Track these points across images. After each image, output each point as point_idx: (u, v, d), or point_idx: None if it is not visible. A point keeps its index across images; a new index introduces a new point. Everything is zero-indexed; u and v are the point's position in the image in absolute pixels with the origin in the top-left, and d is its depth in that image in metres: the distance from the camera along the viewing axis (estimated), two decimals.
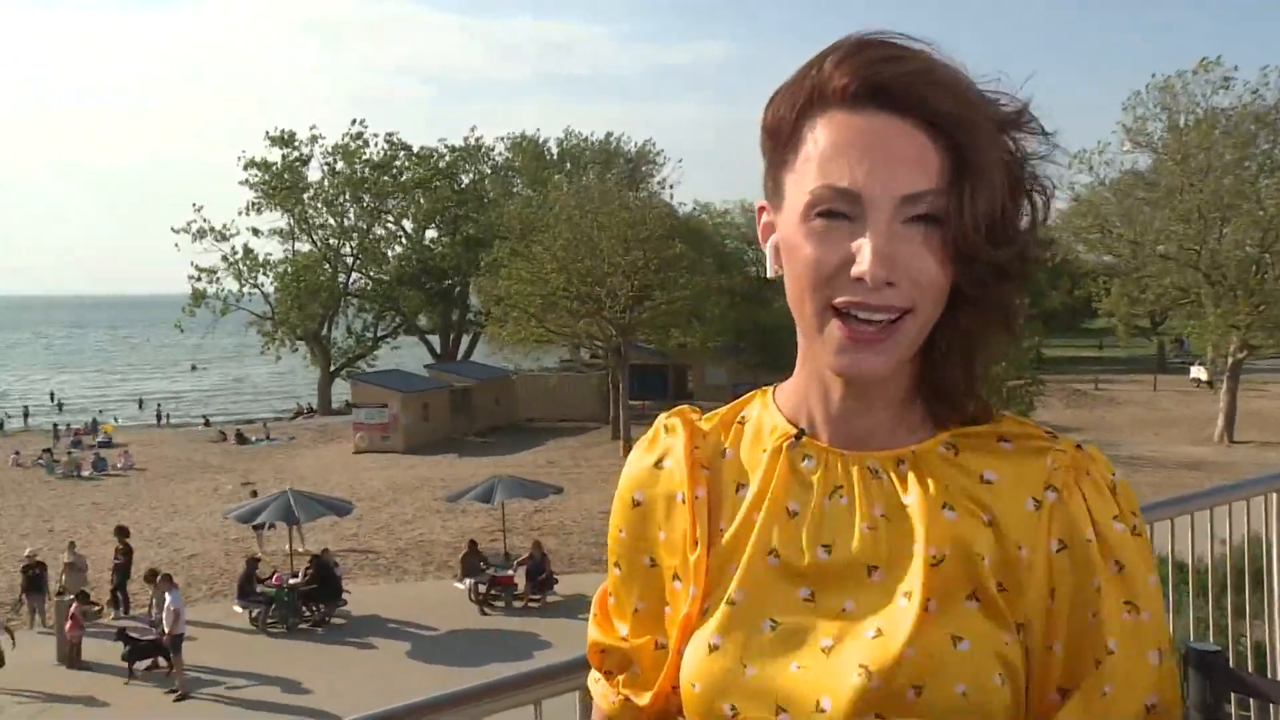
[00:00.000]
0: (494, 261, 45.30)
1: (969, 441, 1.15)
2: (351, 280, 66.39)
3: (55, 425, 52.71)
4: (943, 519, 1.11)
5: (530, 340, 43.40)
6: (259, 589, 19.55)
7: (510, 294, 41.37)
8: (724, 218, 59.04)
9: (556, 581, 20.75)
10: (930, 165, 1.05)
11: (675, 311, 40.53)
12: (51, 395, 76.15)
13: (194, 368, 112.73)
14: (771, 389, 1.25)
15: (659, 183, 68.94)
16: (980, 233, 1.05)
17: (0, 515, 31.26)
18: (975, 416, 1.16)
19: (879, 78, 1.05)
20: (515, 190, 66.84)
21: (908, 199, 1.05)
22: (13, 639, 16.86)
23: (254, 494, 27.21)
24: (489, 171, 69.11)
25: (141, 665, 16.80)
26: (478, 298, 63.29)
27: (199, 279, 62.30)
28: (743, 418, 1.24)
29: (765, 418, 1.22)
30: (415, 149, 65.83)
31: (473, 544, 21.81)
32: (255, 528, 25.08)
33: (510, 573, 20.63)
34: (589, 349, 51.72)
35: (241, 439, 48.69)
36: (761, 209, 1.18)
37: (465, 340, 68.19)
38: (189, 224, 61.63)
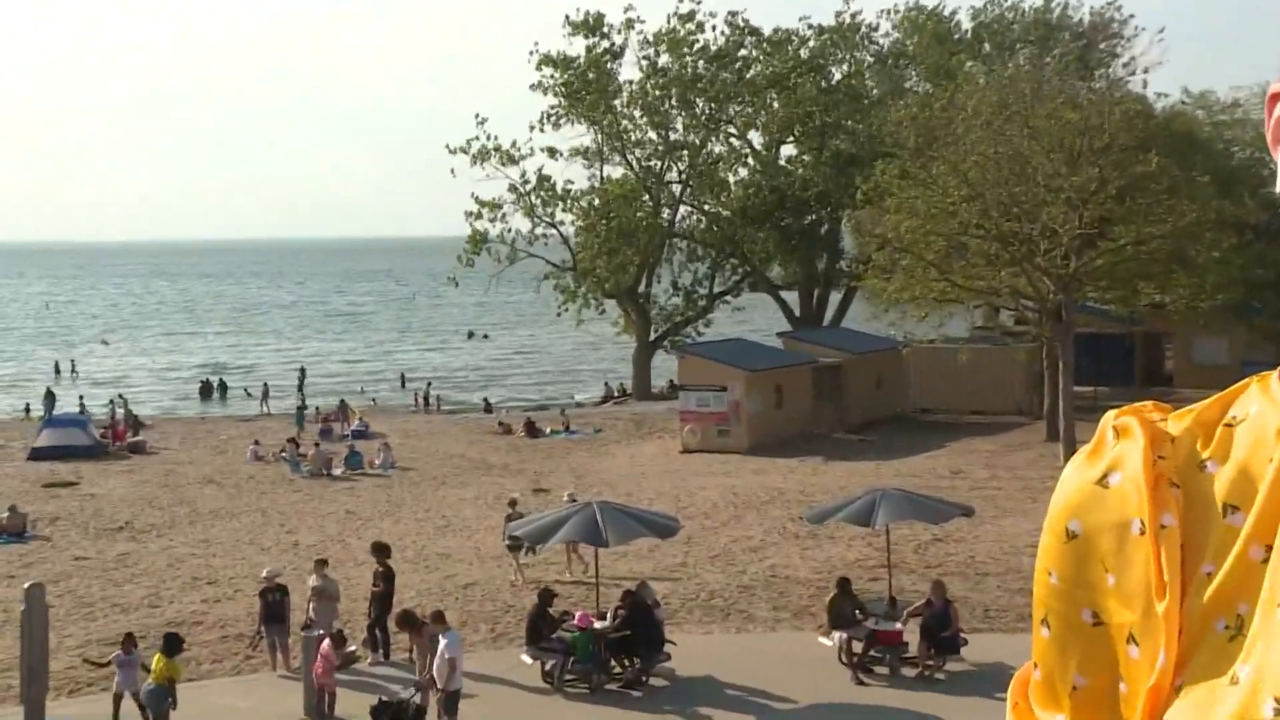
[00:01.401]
0: (876, 188, 44.64)
1: None
2: (679, 217, 68.35)
3: (300, 409, 58.35)
4: None
5: (928, 298, 42.45)
6: (556, 633, 20.14)
7: (900, 233, 40.65)
8: (1230, 115, 53.86)
9: (965, 642, 19.97)
10: None
11: (1147, 256, 38.16)
12: (302, 374, 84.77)
13: (471, 335, 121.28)
14: (1277, 373, 1.22)
15: (1126, 65, 64.89)
16: None
17: (236, 522, 34.94)
18: None
19: None
20: (908, 86, 65.57)
21: None
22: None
23: (512, 504, 28.27)
24: (870, 61, 68.25)
25: None
26: (852, 239, 62.75)
27: (479, 216, 66.79)
28: (1232, 417, 1.22)
29: (1269, 415, 1.19)
30: (767, 33, 66.42)
31: (844, 583, 21.34)
32: (512, 547, 26.22)
33: (898, 626, 20.11)
34: (1014, 311, 50.08)
35: (533, 431, 51.40)
36: (1276, 97, 1.18)
37: (834, 298, 68.05)
38: (468, 143, 65.94)
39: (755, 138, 67.63)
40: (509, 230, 66.44)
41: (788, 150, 68.21)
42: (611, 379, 76.33)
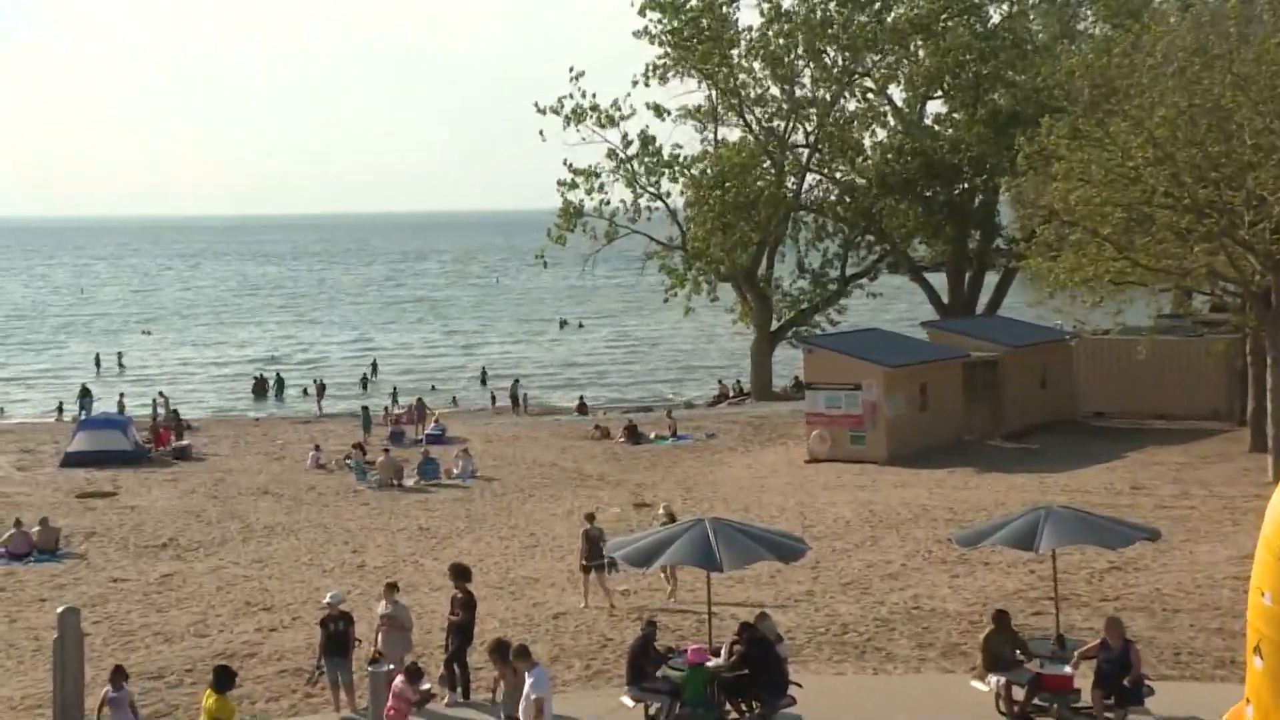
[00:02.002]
0: (1041, 151, 43.89)
1: None
2: (806, 187, 68.15)
3: (366, 409, 59.15)
4: None
5: (1103, 281, 41.65)
6: (661, 672, 20.13)
7: (1070, 204, 39.96)
8: None
9: (1150, 691, 19.60)
10: None
11: None
12: (373, 369, 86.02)
13: (564, 324, 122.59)
14: None
15: None
16: None
17: (294, 539, 35.51)
18: None
19: None
20: (1082, 29, 64.52)
21: None
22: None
23: (589, 518, 28.33)
24: (1034, 1, 67.30)
25: None
26: (1012, 211, 61.93)
27: (573, 186, 67.19)
28: None
29: None
30: None
31: (1002, 617, 21.08)
32: (588, 567, 26.40)
33: (1067, 670, 19.81)
34: (1210, 296, 49.10)
35: (635, 436, 51.85)
36: None
37: (989, 281, 67.28)
38: (560, 101, 66.27)
39: (896, 93, 67.19)
40: (607, 203, 66.77)
41: (935, 107, 67.71)
42: (726, 376, 76.36)
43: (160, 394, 67.11)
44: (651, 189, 66.59)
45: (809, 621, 25.25)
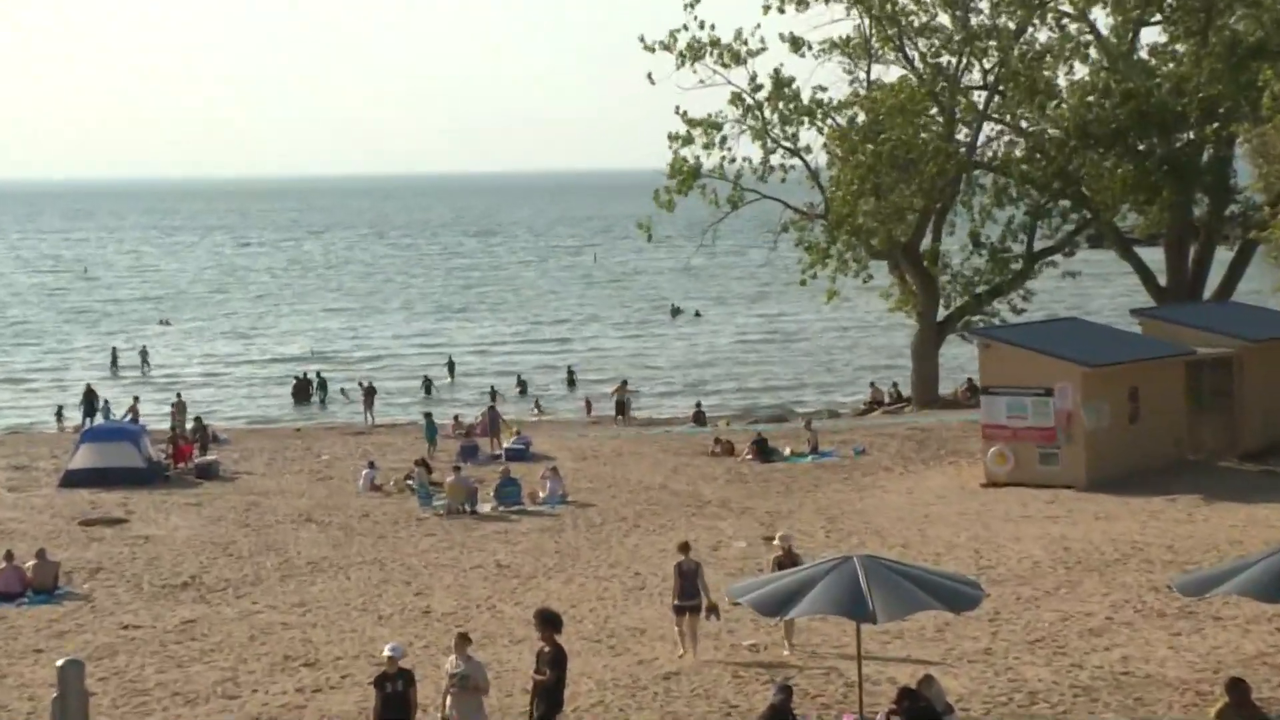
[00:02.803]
0: None
1: None
2: (983, 139, 67.42)
3: (430, 417, 59.30)
4: None
5: None
6: None
7: None
8: None
9: None
10: None
11: None
12: (450, 367, 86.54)
13: (677, 312, 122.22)
14: None
15: None
16: None
17: (343, 578, 35.74)
18: None
19: None
20: None
21: None
22: None
23: (684, 549, 28.31)
24: None
25: None
26: (1252, 169, 60.76)
27: (687, 140, 66.89)
28: None
29: None
30: None
31: (1238, 688, 20.69)
32: (682, 608, 26.38)
33: None
34: None
35: (765, 452, 51.75)
36: None
37: (1221, 258, 66.21)
38: (672, 36, 66.05)
39: (1101, 18, 66.21)
40: (731, 160, 66.57)
41: (1151, 36, 66.59)
42: (880, 378, 75.87)
43: (178, 397, 68.03)
44: (787, 143, 66.30)
45: (987, 688, 25.07)
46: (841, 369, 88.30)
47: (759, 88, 65.55)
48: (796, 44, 65.97)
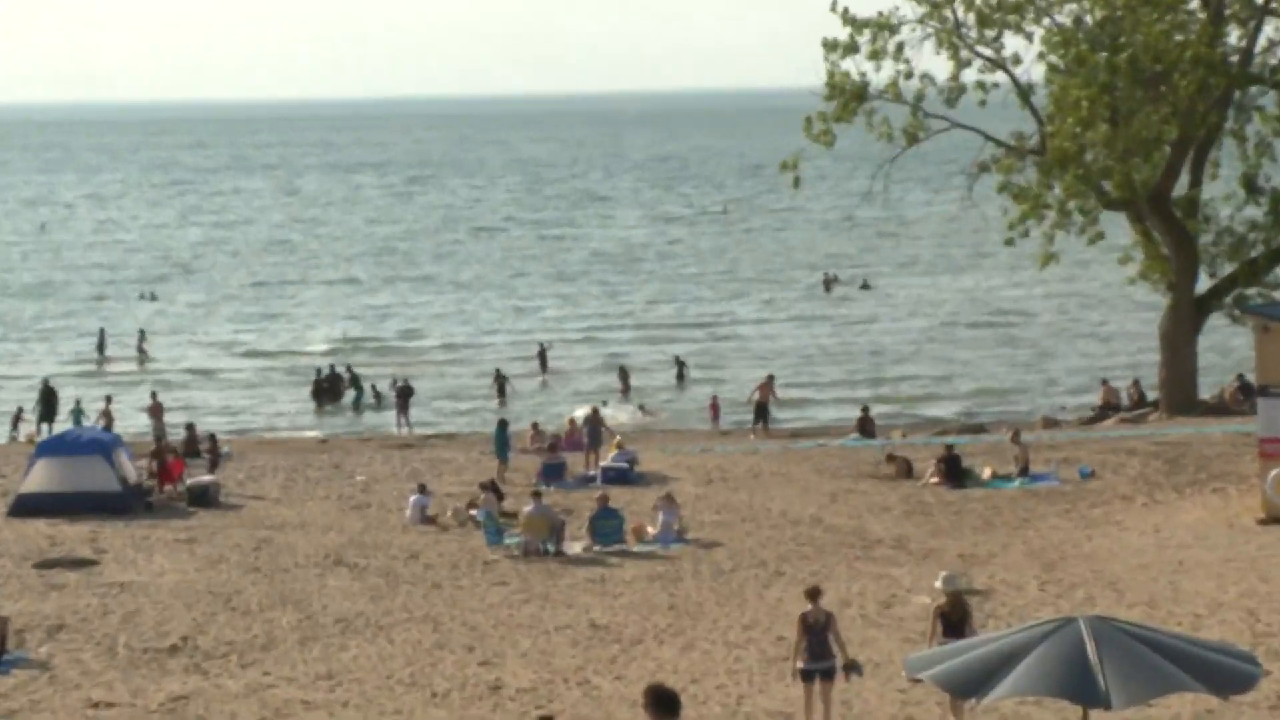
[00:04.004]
0: None
1: None
2: (1262, 43, 66.29)
3: (503, 425, 58.43)
4: None
5: None
6: None
7: None
8: None
9: None
10: None
11: None
12: (542, 359, 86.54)
13: (832, 281, 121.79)
14: None
15: None
16: None
17: (384, 641, 35.92)
18: None
19: None
20: None
21: None
22: None
23: (812, 595, 28.59)
24: None
25: None
26: None
27: (848, 49, 66.77)
28: None
29: None
30: None
31: None
32: (809, 673, 26.77)
33: None
34: None
35: (955, 473, 51.67)
36: None
37: None
38: None
39: None
40: (908, 76, 66.39)
41: None
42: (1116, 374, 75.40)
43: (153, 397, 68.49)
44: (987, 52, 66.07)
45: None
46: (1062, 361, 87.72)
47: None
48: None
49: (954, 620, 27.05)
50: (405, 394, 72.75)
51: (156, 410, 65.10)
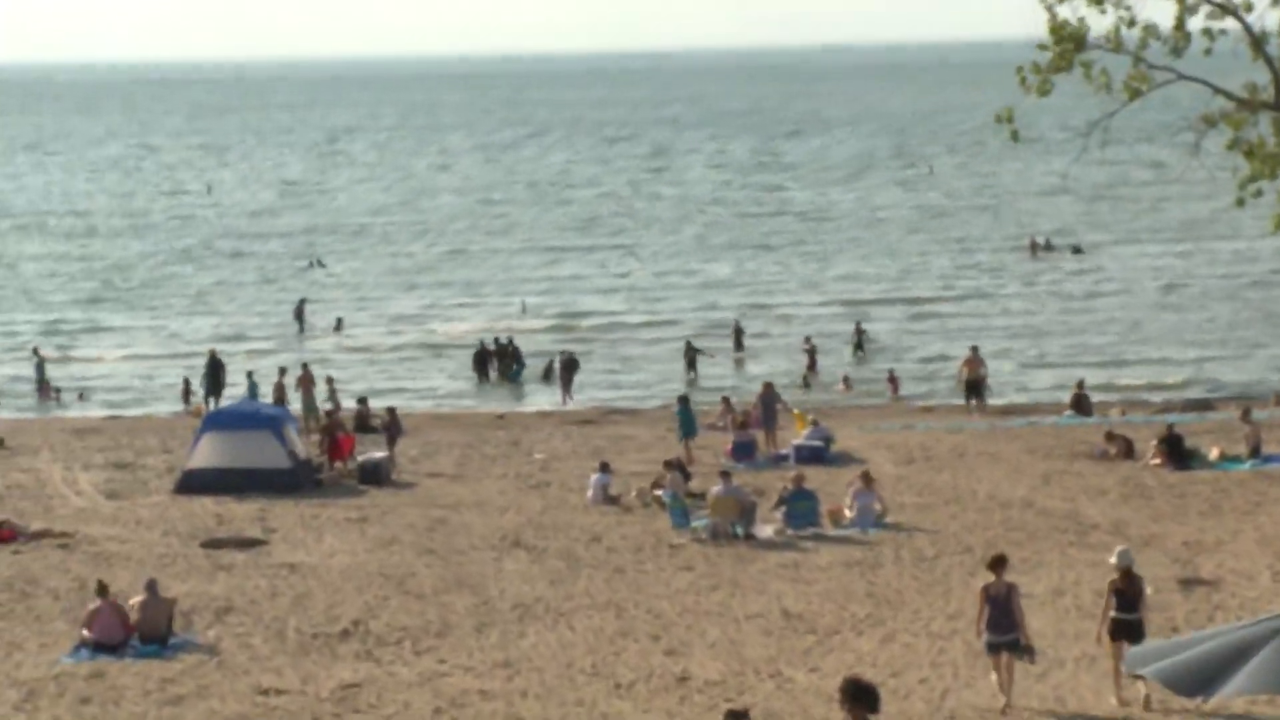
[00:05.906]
0: None
1: None
2: None
3: (685, 401, 57.80)
4: None
5: None
6: None
7: None
8: None
9: None
10: None
11: None
12: (737, 335, 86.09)
13: (1043, 246, 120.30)
14: None
15: None
16: None
17: (565, 628, 36.05)
18: None
19: None
20: None
21: None
22: None
23: (987, 593, 28.45)
24: None
25: None
26: None
27: None
28: None
29: None
30: None
31: None
32: (997, 645, 27.59)
33: None
34: None
35: (1178, 453, 50.99)
36: None
37: None
38: None
39: None
40: (1130, 24, 65.54)
41: None
42: None
43: (304, 368, 68.09)
44: None
45: None
46: None
47: None
48: None
49: (1129, 596, 26.92)
50: (570, 367, 72.78)
51: (306, 381, 65.20)
